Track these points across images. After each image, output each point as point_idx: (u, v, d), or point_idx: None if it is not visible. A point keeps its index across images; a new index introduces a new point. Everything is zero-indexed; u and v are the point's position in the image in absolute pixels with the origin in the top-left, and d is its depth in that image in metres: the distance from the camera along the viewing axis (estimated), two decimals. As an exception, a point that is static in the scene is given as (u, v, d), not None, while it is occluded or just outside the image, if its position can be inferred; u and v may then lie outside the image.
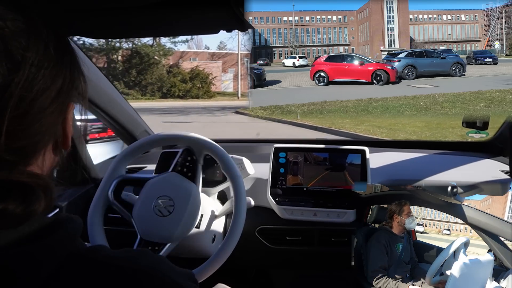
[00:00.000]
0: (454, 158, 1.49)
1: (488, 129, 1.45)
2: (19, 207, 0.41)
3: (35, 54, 0.42)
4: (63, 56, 0.47)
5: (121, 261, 0.44)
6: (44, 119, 0.44)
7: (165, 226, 1.04)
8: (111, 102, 1.41)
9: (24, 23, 0.42)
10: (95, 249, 0.45)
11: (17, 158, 0.42)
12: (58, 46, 0.46)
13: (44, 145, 0.47)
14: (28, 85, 0.41)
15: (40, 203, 0.43)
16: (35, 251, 0.40)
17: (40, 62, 0.43)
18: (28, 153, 0.44)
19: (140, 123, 1.61)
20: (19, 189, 0.42)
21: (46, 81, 0.43)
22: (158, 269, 0.45)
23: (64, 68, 0.47)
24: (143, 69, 19.29)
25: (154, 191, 1.07)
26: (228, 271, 1.08)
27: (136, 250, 0.48)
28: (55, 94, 0.45)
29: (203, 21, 0.95)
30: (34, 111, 0.43)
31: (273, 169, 1.34)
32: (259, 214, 1.33)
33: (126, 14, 0.87)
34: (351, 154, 1.31)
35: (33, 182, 0.43)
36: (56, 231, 0.43)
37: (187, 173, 1.11)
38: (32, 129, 0.43)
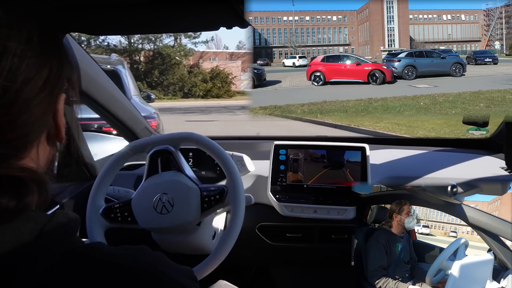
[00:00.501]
0: (453, 155, 1.50)
1: (488, 126, 1.46)
2: (12, 201, 0.40)
3: (17, 44, 0.42)
4: (48, 47, 0.47)
5: (119, 258, 0.44)
6: (32, 110, 0.44)
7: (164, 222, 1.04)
8: (111, 99, 1.40)
9: (4, 13, 0.42)
10: (93, 247, 0.45)
11: (6, 151, 0.42)
12: (42, 36, 0.45)
13: (36, 137, 0.46)
14: (12, 75, 0.41)
15: (33, 197, 0.42)
16: (31, 248, 0.40)
17: (23, 51, 0.42)
18: (19, 146, 0.44)
19: (141, 120, 1.61)
20: (11, 183, 0.41)
21: (31, 71, 0.43)
22: (157, 266, 0.45)
23: (50, 59, 0.47)
24: (165, 69, 19.82)
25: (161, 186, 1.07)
26: (229, 268, 1.08)
27: (135, 248, 0.47)
28: (42, 84, 0.45)
29: (203, 18, 0.95)
30: (20, 101, 0.42)
31: (274, 166, 1.33)
32: (260, 211, 1.33)
33: (127, 11, 0.87)
34: (351, 151, 1.31)
35: (25, 176, 0.43)
36: (53, 229, 0.42)
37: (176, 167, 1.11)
38: (20, 120, 0.43)
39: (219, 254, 1.00)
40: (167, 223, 1.04)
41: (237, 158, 1.23)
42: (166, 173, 1.09)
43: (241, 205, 1.03)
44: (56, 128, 0.49)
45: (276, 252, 1.35)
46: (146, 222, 1.06)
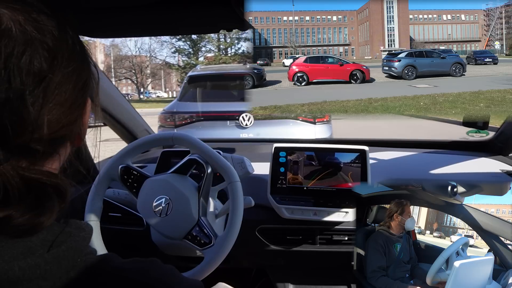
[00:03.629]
0: (453, 157, 1.50)
1: (488, 128, 1.46)
2: (26, 215, 0.39)
3: (66, 47, 0.43)
4: (83, 53, 0.48)
5: (131, 273, 0.44)
6: (67, 112, 0.44)
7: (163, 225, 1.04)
8: (111, 101, 1.41)
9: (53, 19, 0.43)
10: (105, 259, 0.45)
11: (45, 149, 0.42)
12: (79, 42, 0.47)
13: (67, 139, 0.47)
14: (41, 75, 0.41)
15: (52, 212, 0.41)
16: (42, 262, 0.39)
17: (69, 55, 0.44)
18: (49, 147, 0.44)
19: (140, 122, 1.62)
20: (32, 189, 0.40)
21: (73, 75, 0.44)
22: (167, 281, 0.45)
23: (86, 64, 0.48)
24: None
25: (153, 191, 1.07)
26: (229, 270, 1.09)
27: (146, 261, 0.47)
28: (80, 87, 0.46)
29: (204, 20, 0.95)
30: (61, 102, 0.43)
31: (274, 169, 1.34)
32: (260, 214, 1.33)
33: (128, 13, 0.87)
34: (351, 154, 1.31)
35: (47, 182, 0.42)
36: (65, 240, 0.42)
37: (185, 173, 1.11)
38: (58, 121, 0.43)
39: (218, 256, 1.00)
40: (173, 221, 1.06)
41: (238, 160, 1.23)
42: (153, 179, 1.11)
43: (240, 206, 1.03)
44: (82, 133, 0.50)
45: (276, 254, 1.35)
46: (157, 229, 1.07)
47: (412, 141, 1.70)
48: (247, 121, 3.78)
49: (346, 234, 1.31)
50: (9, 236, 0.39)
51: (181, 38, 27.79)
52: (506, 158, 1.44)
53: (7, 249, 0.38)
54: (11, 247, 0.39)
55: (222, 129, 3.98)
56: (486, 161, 1.45)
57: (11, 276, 0.37)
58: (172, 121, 3.98)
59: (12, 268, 0.37)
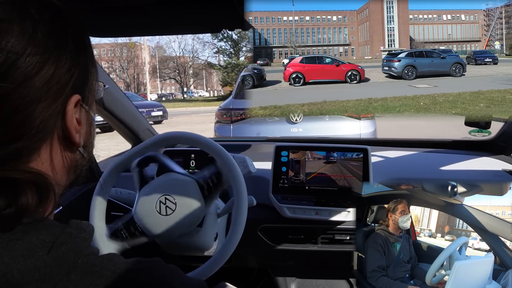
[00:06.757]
0: (455, 157, 1.50)
1: (489, 128, 1.46)
2: (3, 202, 0.39)
3: (15, 39, 0.41)
4: (56, 45, 0.45)
5: (133, 273, 0.44)
6: (34, 110, 0.42)
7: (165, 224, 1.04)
8: (113, 101, 1.41)
9: (7, 6, 0.41)
10: (107, 259, 0.44)
11: (7, 152, 0.41)
12: (50, 34, 0.44)
13: (43, 140, 0.45)
14: (7, 71, 0.40)
15: (29, 198, 0.41)
16: (42, 264, 0.39)
17: (22, 48, 0.41)
18: (23, 148, 0.43)
19: (143, 122, 1.62)
20: (6, 185, 0.40)
21: (31, 69, 0.42)
22: (170, 282, 0.45)
23: (59, 57, 0.45)
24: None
25: (157, 190, 1.07)
26: (231, 269, 1.09)
27: (148, 261, 0.46)
28: (44, 83, 0.43)
29: (206, 20, 0.96)
30: (16, 99, 0.41)
31: (275, 168, 1.34)
32: (261, 213, 1.33)
33: (129, 12, 0.87)
34: (353, 153, 1.31)
35: (23, 178, 0.41)
36: (66, 241, 0.41)
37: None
38: (19, 120, 0.41)
39: (222, 255, 1.00)
40: (176, 221, 1.03)
41: (239, 160, 1.23)
42: (157, 178, 1.09)
43: (244, 206, 1.04)
44: (67, 131, 0.47)
45: (278, 253, 1.35)
46: (155, 229, 1.04)
47: (414, 140, 1.70)
48: (297, 117, 3.93)
49: (348, 234, 1.31)
50: (9, 236, 0.39)
51: (222, 38, 28.24)
52: (508, 158, 1.44)
53: (7, 251, 0.38)
54: (11, 249, 0.38)
55: (273, 124, 4.16)
56: (488, 161, 1.45)
57: (10, 279, 0.37)
58: (228, 117, 4.15)
59: (11, 271, 0.37)
